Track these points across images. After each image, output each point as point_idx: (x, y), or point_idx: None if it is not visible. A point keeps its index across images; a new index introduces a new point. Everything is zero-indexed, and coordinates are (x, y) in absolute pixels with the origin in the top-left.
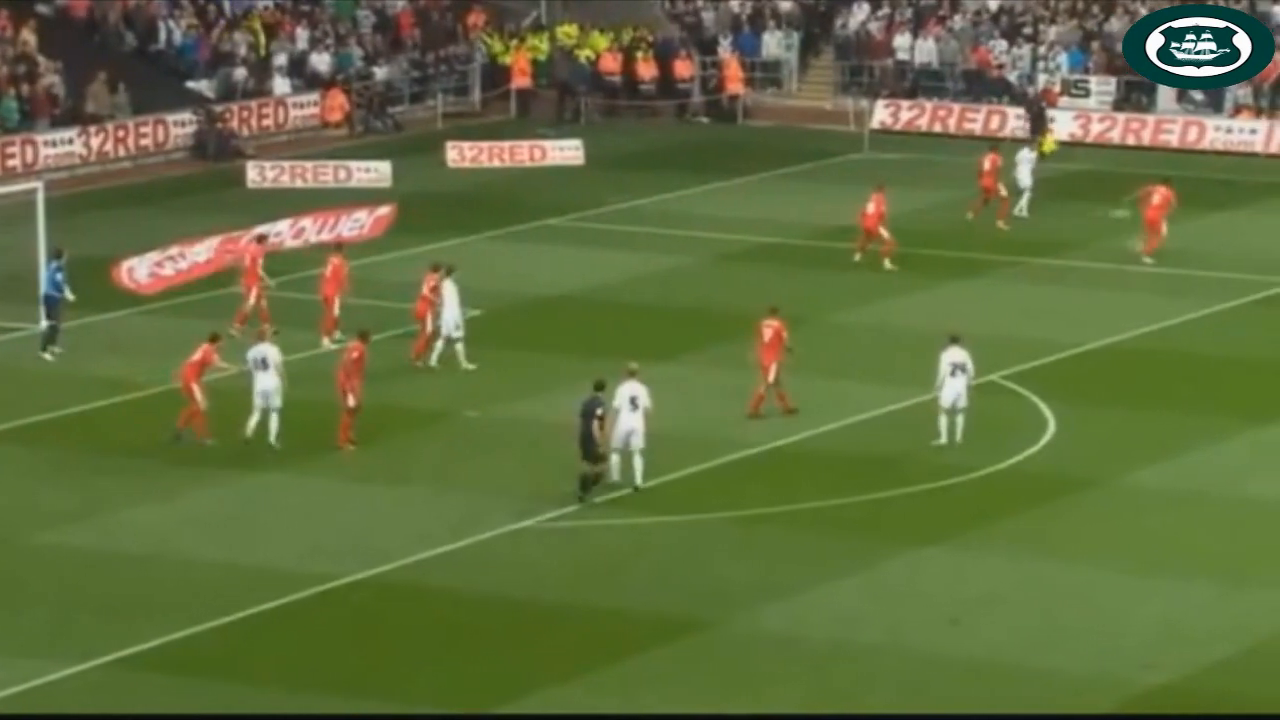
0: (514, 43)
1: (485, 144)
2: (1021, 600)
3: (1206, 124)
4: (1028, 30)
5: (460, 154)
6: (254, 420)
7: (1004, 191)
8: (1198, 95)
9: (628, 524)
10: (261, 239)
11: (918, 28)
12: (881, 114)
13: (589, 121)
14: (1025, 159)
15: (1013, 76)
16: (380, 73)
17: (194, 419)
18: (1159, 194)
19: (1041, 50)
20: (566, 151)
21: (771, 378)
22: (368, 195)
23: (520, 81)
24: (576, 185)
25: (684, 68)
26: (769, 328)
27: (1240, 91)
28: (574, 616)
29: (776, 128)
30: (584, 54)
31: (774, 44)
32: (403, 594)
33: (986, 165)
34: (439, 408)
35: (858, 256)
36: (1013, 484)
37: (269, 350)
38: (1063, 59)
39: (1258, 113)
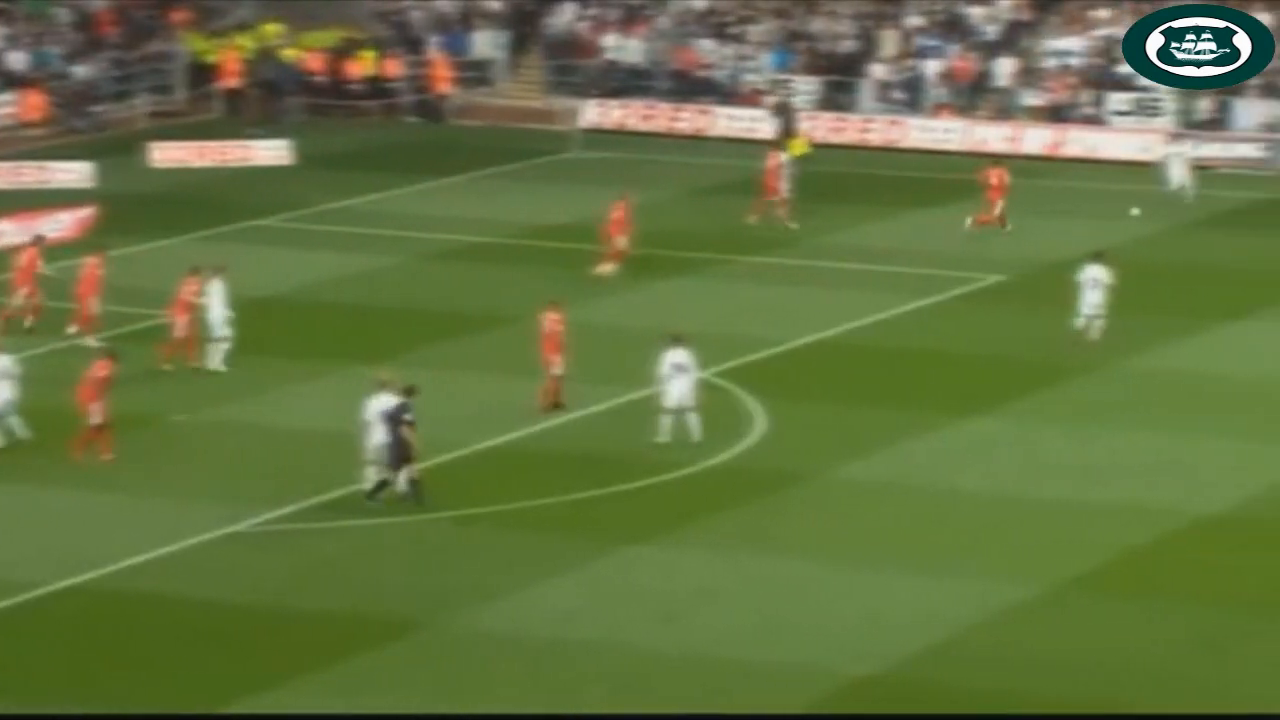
0: (218, 41)
1: (190, 144)
2: (734, 595)
3: (908, 123)
4: (733, 30)
5: (164, 154)
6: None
7: (785, 193)
8: (898, 94)
9: (342, 526)
10: (39, 239)
11: (625, 27)
12: (591, 113)
13: (296, 121)
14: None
15: (720, 76)
16: (80, 71)
17: None
18: (995, 175)
19: (746, 50)
20: (274, 151)
21: (560, 370)
22: (69, 196)
23: (229, 81)
24: (285, 185)
25: (392, 67)
26: (550, 320)
27: (939, 91)
28: (291, 620)
29: (487, 127)
30: (290, 53)
31: (483, 43)
32: (114, 600)
33: (770, 164)
34: (147, 412)
35: (606, 267)
36: (724, 480)
37: (4, 359)
38: (767, 58)
39: (957, 112)
